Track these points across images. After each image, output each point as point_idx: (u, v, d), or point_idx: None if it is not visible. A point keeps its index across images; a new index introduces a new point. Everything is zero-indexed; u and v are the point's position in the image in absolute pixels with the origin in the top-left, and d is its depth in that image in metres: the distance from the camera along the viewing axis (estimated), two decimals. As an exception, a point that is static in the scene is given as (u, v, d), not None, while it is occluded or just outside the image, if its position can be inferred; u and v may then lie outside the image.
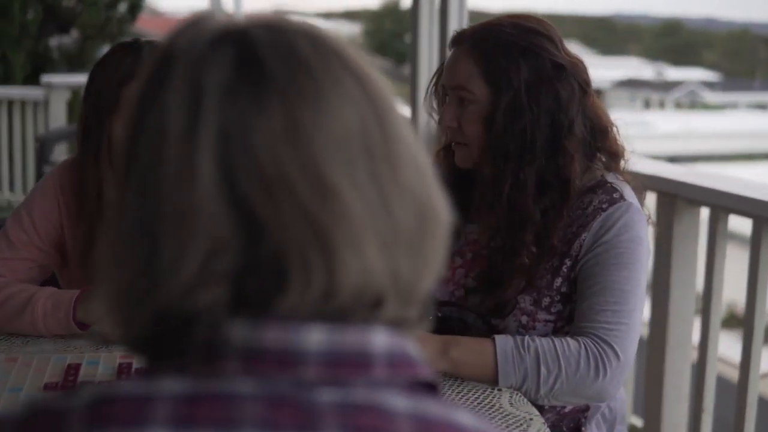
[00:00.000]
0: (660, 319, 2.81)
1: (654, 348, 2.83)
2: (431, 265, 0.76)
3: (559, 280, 1.78)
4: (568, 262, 1.77)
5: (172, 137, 0.69)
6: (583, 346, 1.67)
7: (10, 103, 7.53)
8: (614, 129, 1.86)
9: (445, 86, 1.84)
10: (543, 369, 1.64)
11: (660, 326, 2.81)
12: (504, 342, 1.67)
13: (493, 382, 1.65)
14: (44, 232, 1.93)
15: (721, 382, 2.90)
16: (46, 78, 7.60)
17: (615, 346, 1.67)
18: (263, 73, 0.70)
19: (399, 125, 0.74)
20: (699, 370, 2.70)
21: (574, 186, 1.77)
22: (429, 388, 0.73)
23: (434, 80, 1.88)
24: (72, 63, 9.77)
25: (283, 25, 0.73)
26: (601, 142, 1.84)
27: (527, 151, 1.76)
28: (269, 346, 0.68)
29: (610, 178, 1.82)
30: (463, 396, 1.61)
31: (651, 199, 2.89)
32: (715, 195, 2.61)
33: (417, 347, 0.74)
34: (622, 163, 1.87)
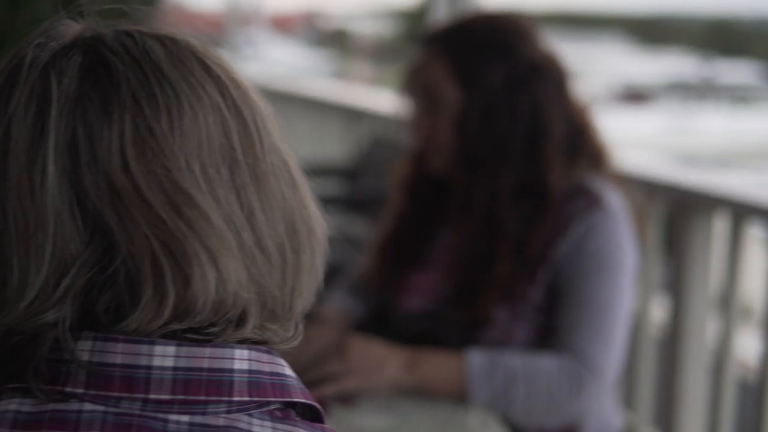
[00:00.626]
0: (676, 326, 2.72)
1: (671, 355, 2.74)
2: (305, 281, 0.73)
3: (534, 290, 1.67)
4: (543, 271, 1.67)
5: (17, 149, 0.67)
6: (557, 362, 1.57)
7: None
8: (594, 127, 1.76)
9: (416, 89, 1.74)
10: (514, 387, 1.55)
11: (676, 333, 2.71)
12: (474, 358, 1.57)
13: (462, 399, 1.56)
14: None
15: (743, 386, 2.80)
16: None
17: (591, 363, 1.57)
18: (112, 80, 0.68)
19: (269, 136, 0.72)
20: (718, 375, 2.59)
21: (553, 192, 1.67)
22: (311, 411, 0.70)
23: (404, 82, 1.78)
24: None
25: (140, 32, 0.70)
26: (582, 142, 1.74)
27: (503, 156, 1.66)
28: (116, 365, 0.65)
29: (589, 180, 1.71)
30: (430, 413, 1.51)
31: (663, 202, 2.79)
32: (732, 198, 2.51)
33: (287, 368, 0.70)
34: (605, 162, 1.76)
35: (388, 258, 1.85)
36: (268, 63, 20.17)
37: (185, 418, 0.64)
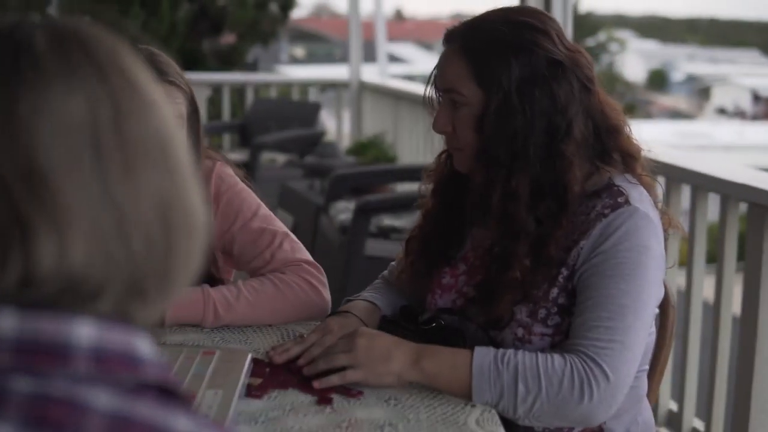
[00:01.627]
0: (749, 336, 2.64)
1: (743, 364, 2.66)
2: (178, 264, 0.74)
3: (555, 291, 1.63)
4: (565, 272, 1.63)
5: None
6: (569, 364, 1.52)
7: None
8: (626, 127, 1.71)
9: (438, 89, 1.73)
10: (521, 386, 1.51)
11: (749, 342, 2.63)
12: (482, 355, 1.54)
13: (468, 396, 1.53)
14: None
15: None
16: (188, 75, 7.75)
17: (604, 366, 1.52)
18: None
19: (147, 124, 0.73)
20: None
21: (572, 193, 1.62)
22: (168, 393, 0.70)
23: (429, 82, 1.76)
24: (224, 62, 10.00)
25: (26, 22, 0.74)
26: (611, 142, 1.69)
27: (519, 156, 1.62)
28: None
29: (619, 180, 1.66)
30: (430, 410, 1.49)
31: (741, 208, 2.71)
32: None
33: (150, 346, 0.71)
34: (638, 163, 1.71)
35: (420, 255, 1.83)
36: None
37: (26, 383, 0.65)
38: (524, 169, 1.62)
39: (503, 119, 1.62)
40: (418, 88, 6.23)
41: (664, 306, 1.94)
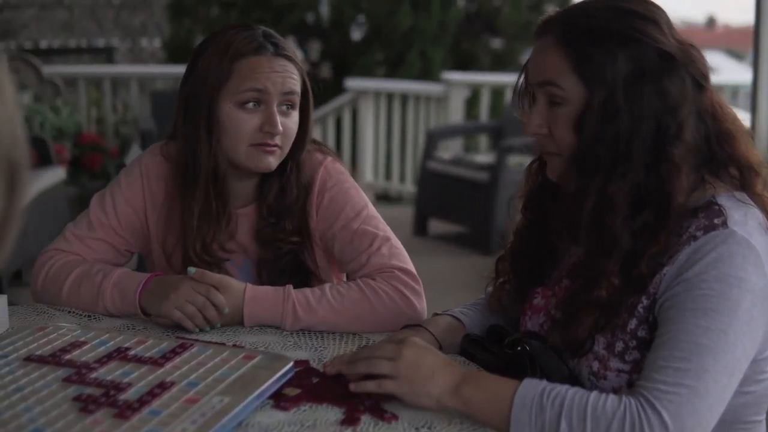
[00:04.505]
0: None
1: None
2: None
3: (634, 322, 1.43)
4: (645, 301, 1.42)
5: None
6: (623, 406, 1.31)
7: (404, 98, 7.77)
8: (745, 135, 1.47)
9: (532, 84, 1.54)
10: (564, 425, 1.32)
11: None
12: (529, 387, 1.36)
13: (506, 431, 1.35)
14: (124, 217, 1.92)
15: None
16: (446, 75, 7.75)
17: (663, 413, 1.30)
18: None
19: None
20: None
21: (675, 204, 1.41)
22: None
23: (520, 78, 1.58)
24: (497, 63, 9.93)
25: None
26: (726, 151, 1.46)
27: (621, 160, 1.43)
28: None
29: (724, 198, 1.42)
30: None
31: None
32: None
33: None
34: (754, 178, 1.47)
35: (511, 275, 1.68)
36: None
37: None
38: (625, 175, 1.42)
39: (607, 119, 1.43)
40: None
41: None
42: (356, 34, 10.05)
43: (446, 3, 9.27)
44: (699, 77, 1.45)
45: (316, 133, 7.82)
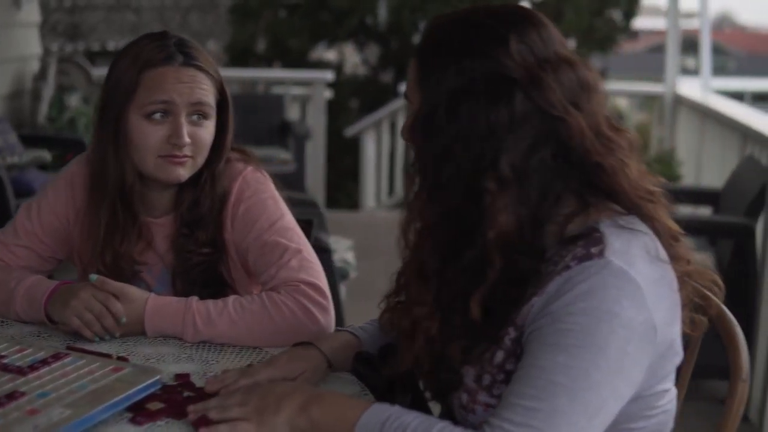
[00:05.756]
0: None
1: None
2: None
3: (501, 355, 1.35)
4: (512, 333, 1.34)
5: None
6: None
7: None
8: (633, 160, 1.39)
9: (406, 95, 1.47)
10: None
11: None
12: (374, 413, 1.31)
13: None
14: (48, 224, 1.92)
15: None
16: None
17: None
18: None
19: None
20: None
21: (494, 238, 1.32)
22: None
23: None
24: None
25: None
26: (603, 181, 1.36)
27: (435, 183, 1.35)
28: None
29: (606, 225, 1.33)
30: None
31: None
32: None
33: None
34: (643, 204, 1.38)
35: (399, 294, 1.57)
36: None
37: None
38: (438, 199, 1.35)
39: (427, 134, 1.36)
40: (729, 107, 5.71)
41: (732, 380, 1.59)
42: (418, 39, 10.01)
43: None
44: (546, 105, 1.33)
45: (370, 136, 7.83)
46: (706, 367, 2.34)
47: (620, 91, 7.89)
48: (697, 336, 1.61)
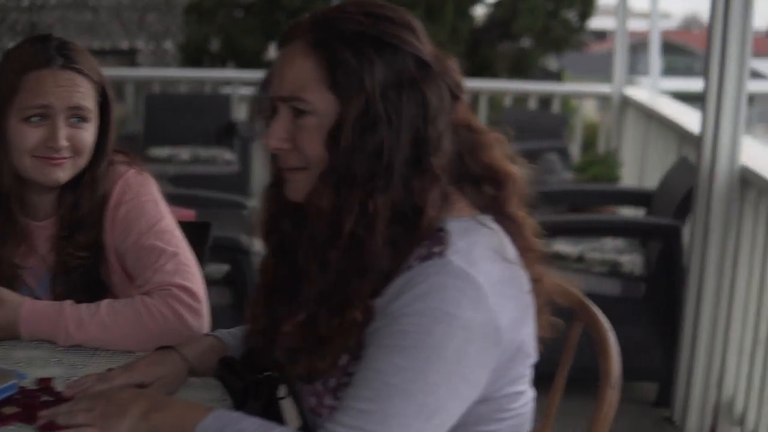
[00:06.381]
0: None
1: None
2: None
3: (345, 357, 1.35)
4: None
5: None
6: None
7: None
8: (500, 147, 1.41)
9: (275, 97, 1.41)
10: None
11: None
12: (213, 420, 1.31)
13: None
14: None
15: None
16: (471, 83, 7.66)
17: None
18: None
19: None
20: None
21: (427, 218, 1.33)
22: None
23: (260, 91, 1.51)
24: (513, 70, 9.84)
25: None
26: (480, 164, 1.39)
27: (381, 175, 1.33)
28: None
29: (454, 223, 1.34)
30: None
31: None
32: None
33: None
34: (513, 194, 1.40)
35: (262, 312, 1.52)
36: None
37: None
38: (385, 190, 1.33)
39: (365, 130, 1.33)
40: (671, 108, 5.75)
41: (602, 386, 1.60)
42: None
43: (460, 10, 9.21)
44: (454, 87, 1.37)
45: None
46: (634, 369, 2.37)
47: (570, 92, 7.94)
48: (574, 338, 1.63)
